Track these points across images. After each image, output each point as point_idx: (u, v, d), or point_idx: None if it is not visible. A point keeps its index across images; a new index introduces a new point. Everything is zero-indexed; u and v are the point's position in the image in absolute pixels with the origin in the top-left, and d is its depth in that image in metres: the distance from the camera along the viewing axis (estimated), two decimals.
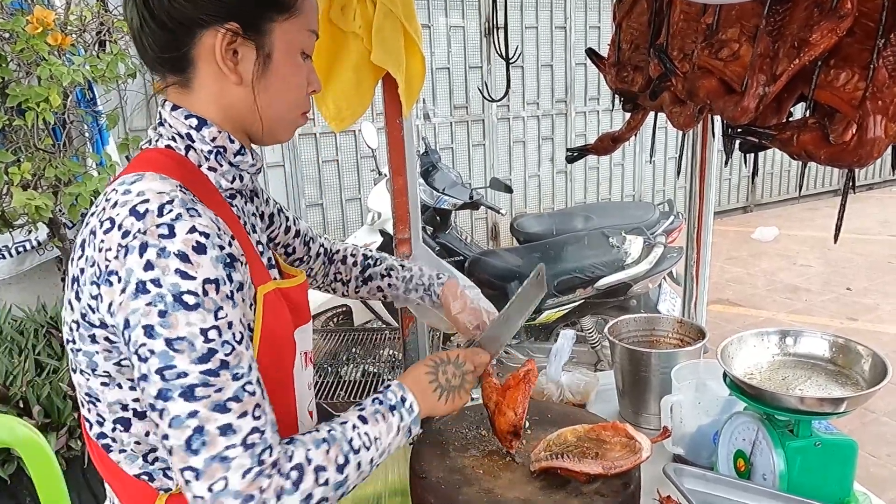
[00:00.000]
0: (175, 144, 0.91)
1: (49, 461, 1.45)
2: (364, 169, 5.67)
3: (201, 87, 0.91)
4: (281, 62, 0.92)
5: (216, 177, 0.94)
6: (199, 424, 0.77)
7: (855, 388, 1.23)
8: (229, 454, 0.77)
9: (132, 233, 0.78)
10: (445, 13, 5.83)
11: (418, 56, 1.61)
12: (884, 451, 3.16)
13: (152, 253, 0.77)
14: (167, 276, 0.76)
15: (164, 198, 0.80)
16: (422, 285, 1.36)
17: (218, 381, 0.78)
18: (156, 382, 0.77)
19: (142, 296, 0.76)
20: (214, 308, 0.79)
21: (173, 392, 0.77)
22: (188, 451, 0.77)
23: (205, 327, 0.78)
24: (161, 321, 0.76)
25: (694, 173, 2.00)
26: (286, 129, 0.99)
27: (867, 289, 5.28)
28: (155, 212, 0.79)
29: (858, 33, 0.86)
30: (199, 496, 0.77)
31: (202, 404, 0.77)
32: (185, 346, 0.77)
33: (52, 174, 2.45)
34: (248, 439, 0.79)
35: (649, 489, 1.23)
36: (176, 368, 0.77)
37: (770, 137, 0.96)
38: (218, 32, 0.87)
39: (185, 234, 0.78)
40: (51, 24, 2.29)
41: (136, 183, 0.83)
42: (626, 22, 1.39)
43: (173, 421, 0.77)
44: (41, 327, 2.72)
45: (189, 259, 0.77)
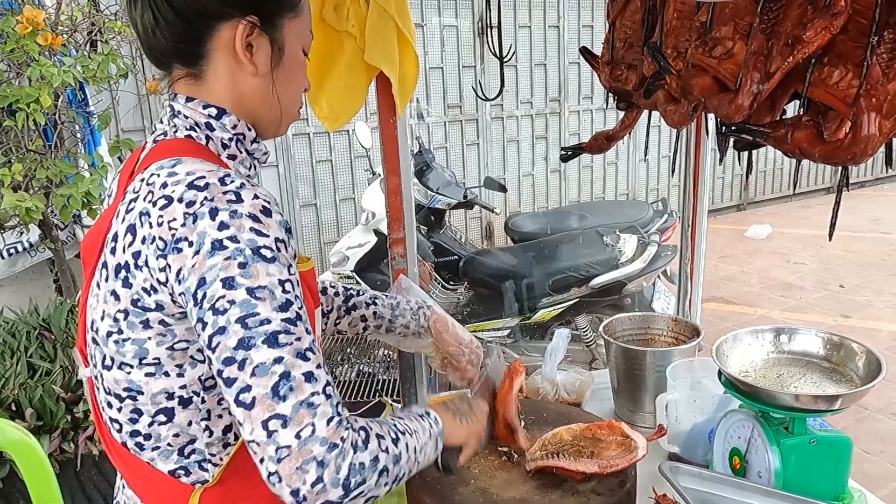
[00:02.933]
0: (195, 134, 0.92)
1: (42, 464, 1.44)
2: (358, 168, 5.66)
3: (215, 78, 0.92)
4: (290, 57, 0.96)
5: (235, 165, 0.95)
6: (285, 370, 0.76)
7: (849, 386, 1.23)
8: (315, 400, 0.77)
9: (198, 201, 0.79)
10: (439, 12, 5.83)
11: (412, 55, 1.61)
12: (878, 448, 3.17)
13: (224, 215, 0.78)
14: (243, 233, 0.78)
15: (220, 172, 0.83)
16: (409, 310, 1.36)
17: (297, 331, 0.79)
18: (236, 332, 0.76)
19: (219, 252, 0.77)
20: (287, 263, 0.81)
21: (257, 339, 0.76)
22: (275, 397, 0.76)
23: (282, 279, 0.79)
24: (242, 272, 0.77)
25: (688, 172, 2.00)
26: (288, 121, 1.02)
27: (860, 286, 5.30)
28: (217, 183, 0.81)
29: (852, 31, 0.86)
30: (285, 445, 0.75)
31: (286, 350, 0.77)
32: (266, 294, 0.77)
33: (44, 175, 2.43)
34: (327, 389, 0.79)
35: (645, 488, 1.23)
36: (259, 315, 0.77)
37: (764, 135, 0.96)
38: (239, 24, 0.89)
39: (252, 199, 0.81)
40: (41, 24, 2.27)
41: (178, 166, 0.84)
42: (619, 20, 1.39)
43: (257, 369, 0.76)
44: (33, 329, 2.70)
45: (260, 220, 0.80)
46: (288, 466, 0.75)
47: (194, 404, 0.87)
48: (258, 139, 0.98)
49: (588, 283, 3.39)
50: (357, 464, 0.78)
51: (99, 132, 2.92)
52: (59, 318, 2.78)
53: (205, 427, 0.90)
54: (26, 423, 2.21)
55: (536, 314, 3.47)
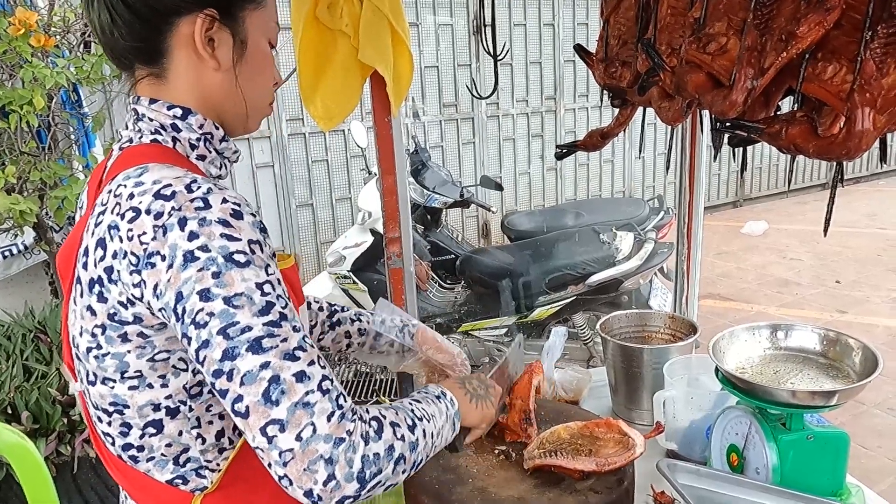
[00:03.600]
0: (161, 137, 0.90)
1: (38, 467, 1.44)
2: (354, 168, 5.66)
3: (177, 76, 0.90)
4: (253, 50, 0.94)
5: (205, 165, 0.93)
6: (273, 374, 0.75)
7: (846, 381, 1.23)
8: (310, 399, 0.75)
9: (166, 212, 0.77)
10: (433, 11, 5.82)
11: (406, 54, 1.60)
12: (875, 443, 3.18)
13: (193, 224, 0.76)
14: (214, 241, 0.76)
15: (186, 179, 0.80)
16: (395, 327, 1.34)
17: (281, 332, 0.77)
18: (219, 344, 0.75)
19: (192, 264, 0.76)
20: (263, 265, 0.79)
21: (240, 348, 0.75)
22: (268, 403, 0.74)
23: (259, 282, 0.77)
24: (216, 282, 0.75)
25: (683, 168, 2.01)
26: (258, 117, 1.00)
27: (856, 282, 5.31)
28: (184, 190, 0.79)
29: (846, 26, 0.86)
30: (287, 449, 0.74)
31: (272, 354, 0.75)
32: (244, 300, 0.76)
33: (38, 177, 2.42)
34: (323, 385, 0.77)
35: (643, 485, 1.23)
36: (239, 324, 0.75)
37: (759, 131, 0.96)
38: (197, 19, 0.87)
39: (220, 203, 0.79)
40: (34, 25, 2.26)
41: (145, 174, 0.82)
42: (613, 17, 1.39)
43: (245, 378, 0.75)
44: (29, 332, 2.70)
45: (230, 224, 0.78)
46: (295, 469, 0.74)
47: (182, 413, 0.86)
48: (227, 138, 0.96)
49: (585, 281, 3.39)
50: (371, 454, 0.77)
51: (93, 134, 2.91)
52: (54, 321, 2.77)
53: (196, 435, 0.88)
54: (22, 426, 2.20)
55: (533, 312, 3.47)
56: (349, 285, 3.60)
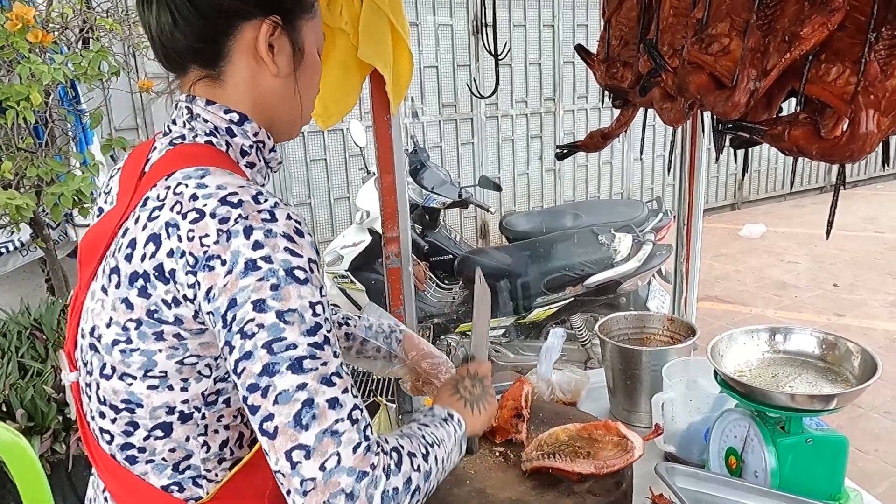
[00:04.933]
0: (216, 140, 0.91)
1: (33, 465, 1.43)
2: (352, 167, 5.65)
3: (234, 80, 0.91)
4: (309, 58, 0.96)
5: (253, 173, 0.94)
6: (308, 397, 0.74)
7: (845, 385, 1.23)
8: (339, 428, 0.75)
9: (232, 218, 0.78)
10: (433, 11, 5.82)
11: (406, 52, 1.60)
12: (873, 447, 3.18)
13: (259, 234, 0.77)
14: (277, 253, 0.77)
15: (252, 189, 0.81)
16: (382, 332, 1.35)
17: (323, 355, 0.77)
18: (262, 358, 0.75)
19: (252, 273, 0.76)
20: (319, 285, 0.80)
21: (281, 365, 0.74)
22: (297, 426, 0.74)
23: (313, 301, 0.78)
24: (273, 294, 0.76)
25: (683, 170, 2.00)
26: (300, 125, 1.02)
27: (854, 285, 5.32)
28: (251, 200, 0.79)
29: (849, 27, 0.85)
30: (310, 478, 0.73)
31: (311, 377, 0.75)
32: (295, 317, 0.76)
33: (35, 174, 2.41)
34: (353, 414, 0.77)
35: (641, 488, 1.23)
36: (286, 340, 0.75)
37: (761, 133, 0.95)
38: (262, 24, 0.89)
39: (286, 219, 0.79)
40: (31, 21, 2.24)
41: (207, 177, 0.82)
42: (615, 18, 1.38)
43: (280, 396, 0.74)
44: (25, 329, 2.68)
45: (294, 240, 0.79)
46: (314, 500, 0.73)
47: (194, 420, 0.86)
48: (275, 148, 0.97)
49: (583, 283, 3.38)
50: (391, 489, 0.77)
51: (91, 130, 2.90)
52: (50, 318, 2.75)
53: (202, 442, 0.88)
54: (17, 423, 2.19)
55: (531, 313, 3.46)
56: (347, 285, 3.59)
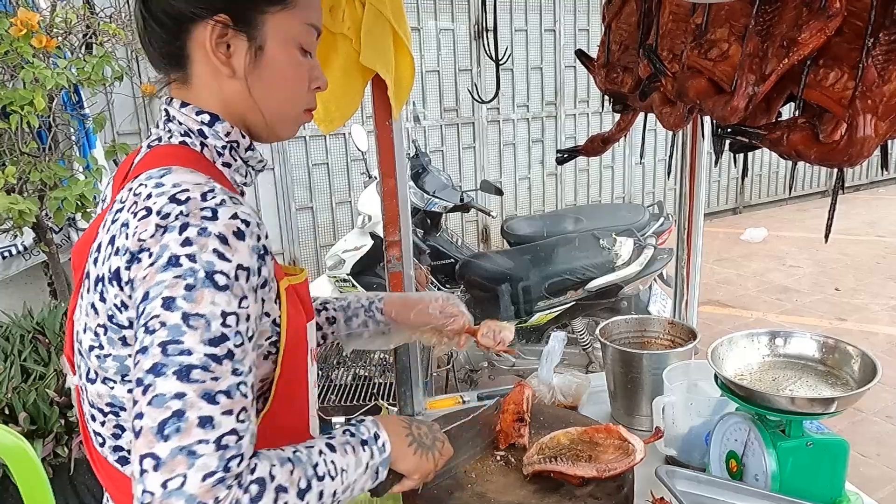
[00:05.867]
0: (191, 140, 0.91)
1: (35, 468, 1.43)
2: (354, 172, 5.66)
3: (200, 82, 0.91)
4: (274, 55, 0.91)
5: (230, 173, 0.93)
6: (180, 408, 0.72)
7: (845, 389, 1.23)
8: (198, 449, 0.71)
9: (173, 215, 0.76)
10: (435, 16, 5.84)
11: (408, 57, 1.60)
12: (874, 451, 3.17)
13: (192, 231, 0.75)
14: (204, 254, 0.75)
15: (205, 187, 0.80)
16: (362, 307, 1.30)
17: (218, 369, 0.74)
18: (154, 356, 0.73)
19: (172, 268, 0.74)
20: (241, 295, 0.77)
21: (169, 368, 0.72)
22: (158, 434, 0.71)
23: (227, 311, 0.75)
24: (185, 294, 0.73)
25: (684, 175, 2.00)
26: (287, 125, 0.97)
27: (855, 289, 5.31)
28: (198, 198, 0.78)
29: (847, 32, 0.86)
30: (149, 491, 0.70)
31: (193, 388, 0.72)
32: (201, 323, 0.74)
33: (38, 178, 2.42)
34: (224, 440, 0.73)
35: (642, 491, 1.23)
36: (182, 345, 0.73)
37: (760, 137, 0.96)
38: (208, 25, 0.87)
39: (228, 218, 0.77)
40: (35, 26, 2.26)
41: (167, 176, 0.82)
42: (615, 23, 1.39)
43: (156, 399, 0.72)
44: (27, 333, 2.69)
45: (228, 242, 0.76)
46: None
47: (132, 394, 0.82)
48: (253, 146, 0.95)
49: (584, 287, 3.39)
50: None
51: (94, 135, 2.91)
52: (53, 322, 2.76)
53: None
54: (20, 427, 2.19)
55: (533, 317, 3.46)
56: (348, 289, 3.60)
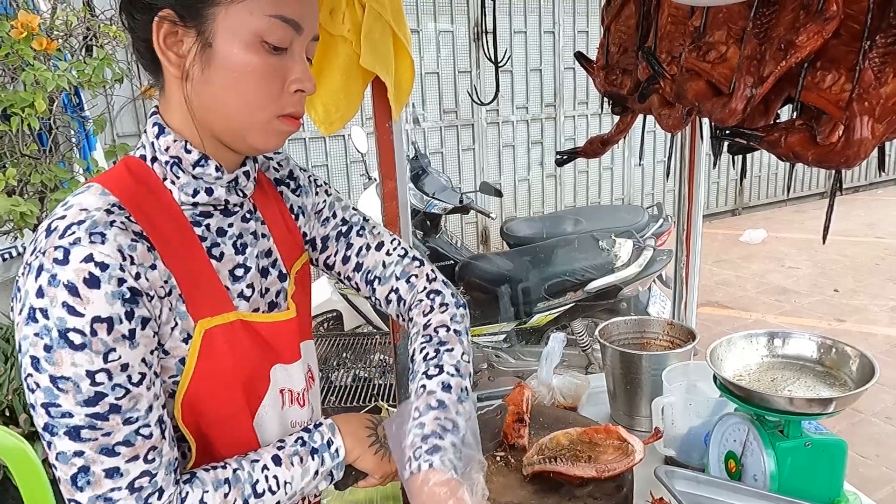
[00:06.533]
0: (144, 153, 0.85)
1: (36, 470, 1.43)
2: (354, 173, 5.67)
3: (169, 89, 0.83)
4: (226, 51, 0.78)
5: (177, 191, 0.85)
6: (84, 464, 0.73)
7: (843, 389, 1.23)
8: (114, 496, 0.75)
9: (36, 250, 0.73)
10: (434, 18, 5.85)
11: (407, 60, 1.61)
12: (873, 452, 3.18)
13: (44, 279, 0.71)
14: (54, 308, 0.70)
15: (80, 216, 0.74)
16: None
17: (106, 426, 0.74)
18: (42, 416, 0.73)
19: (32, 324, 0.72)
20: (104, 350, 0.72)
21: (59, 429, 0.73)
22: (73, 486, 0.74)
23: (92, 370, 0.72)
24: (46, 356, 0.71)
25: (683, 176, 2.01)
26: (255, 132, 0.83)
27: (854, 290, 5.32)
28: (59, 231, 0.73)
29: (844, 35, 0.86)
30: None
31: (88, 446, 0.73)
32: (70, 386, 0.72)
33: (38, 180, 2.43)
34: (136, 483, 0.76)
35: (642, 491, 1.23)
36: (61, 408, 0.72)
37: (758, 139, 0.96)
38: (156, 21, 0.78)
39: (79, 262, 0.71)
40: (36, 28, 2.27)
41: (78, 195, 0.78)
42: (614, 25, 1.40)
43: (60, 456, 0.74)
44: None
45: (78, 293, 0.71)
46: None
47: None
48: (205, 161, 0.84)
49: (584, 288, 3.39)
50: None
51: (94, 137, 2.91)
52: None
53: None
54: (20, 428, 2.19)
55: (532, 319, 3.47)
56: (348, 290, 3.60)
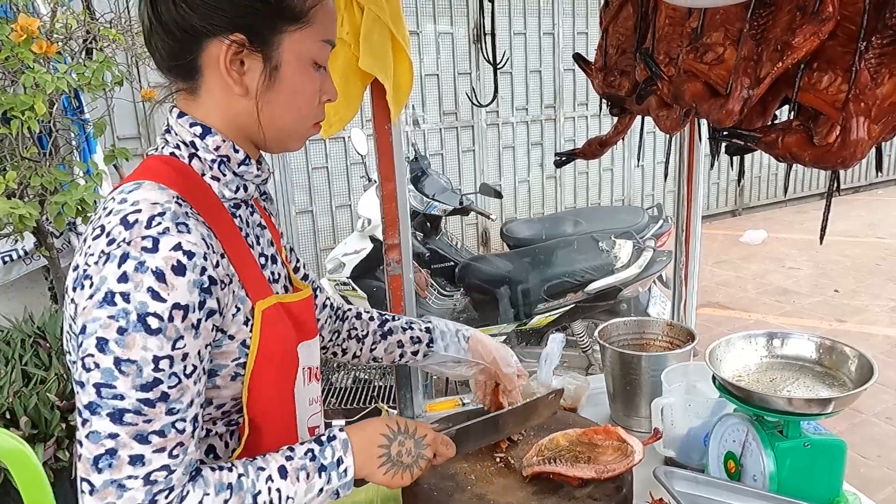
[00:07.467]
0: (179, 153, 0.90)
1: (37, 473, 1.43)
2: (354, 175, 5.67)
3: (208, 95, 0.90)
4: (289, 74, 0.89)
5: (219, 187, 0.92)
6: (114, 447, 0.76)
7: (842, 389, 1.23)
8: (128, 484, 0.77)
9: (117, 241, 0.77)
10: (434, 20, 5.85)
11: (406, 62, 1.61)
12: (874, 453, 3.17)
13: (130, 265, 0.75)
14: (138, 293, 0.75)
15: (156, 209, 0.79)
16: (448, 332, 1.31)
17: (151, 413, 0.77)
18: (90, 394, 0.77)
19: (107, 306, 0.75)
20: (175, 336, 0.77)
21: (103, 409, 0.76)
22: (93, 466, 0.77)
23: (159, 355, 0.77)
24: (118, 338, 0.75)
25: (682, 177, 2.01)
26: (295, 139, 0.96)
27: (855, 291, 5.32)
28: (143, 223, 0.78)
29: (840, 36, 0.87)
30: None
31: (125, 430, 0.76)
32: (132, 369, 0.76)
33: (38, 183, 2.43)
34: (153, 475, 0.78)
35: (641, 492, 1.23)
36: (115, 390, 0.76)
37: (755, 140, 0.96)
38: (223, 43, 0.85)
39: (169, 250, 0.77)
40: (35, 31, 2.27)
41: (133, 192, 0.82)
42: (612, 27, 1.40)
43: (91, 435, 0.77)
44: (28, 337, 2.70)
45: (164, 279, 0.76)
46: None
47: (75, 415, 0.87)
48: (249, 161, 0.93)
49: (584, 289, 3.39)
50: None
51: (94, 140, 2.92)
52: (53, 327, 2.77)
53: None
54: (21, 431, 2.20)
55: (532, 320, 3.47)
56: (348, 292, 3.60)
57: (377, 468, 0.97)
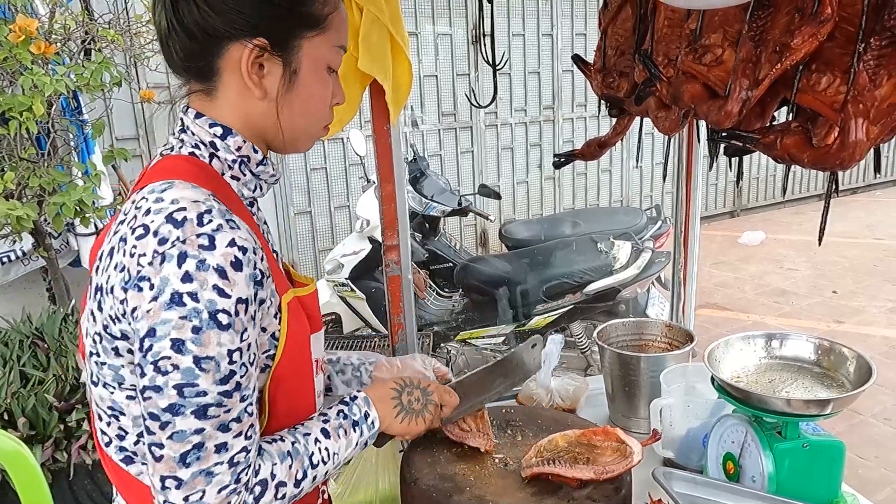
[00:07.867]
0: (199, 152, 0.91)
1: (35, 474, 1.43)
2: (352, 176, 5.67)
3: (225, 97, 0.90)
4: (307, 78, 0.92)
5: (238, 186, 0.94)
6: (200, 441, 0.79)
7: (840, 390, 1.24)
8: (215, 470, 0.80)
9: (170, 240, 0.77)
10: (433, 21, 5.85)
11: (405, 63, 1.62)
12: (872, 453, 3.18)
13: (192, 264, 0.76)
14: (205, 291, 0.76)
15: (202, 206, 0.80)
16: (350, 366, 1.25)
17: (229, 402, 0.80)
18: (170, 397, 0.77)
19: (176, 308, 0.76)
20: (241, 329, 0.80)
21: (187, 409, 0.78)
22: (180, 462, 0.79)
23: (232, 348, 0.79)
24: (194, 337, 0.76)
25: (680, 178, 2.01)
26: (307, 141, 1.00)
27: (853, 292, 5.32)
28: (194, 220, 0.78)
29: (839, 38, 0.87)
30: (172, 502, 0.79)
31: (210, 423, 0.79)
32: (212, 365, 0.78)
33: (37, 184, 2.43)
34: (235, 458, 0.82)
35: (640, 493, 1.23)
36: (197, 387, 0.78)
37: (754, 141, 0.97)
38: (245, 47, 0.86)
39: (225, 247, 0.78)
40: (34, 32, 2.27)
41: (168, 191, 0.82)
42: (611, 28, 1.40)
43: (176, 434, 0.78)
44: (26, 338, 2.69)
45: (227, 275, 0.78)
46: None
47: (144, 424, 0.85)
48: (266, 161, 0.96)
49: (582, 290, 3.40)
50: None
51: (92, 140, 2.92)
52: (52, 327, 2.76)
53: None
54: (19, 432, 2.19)
55: (531, 321, 3.47)
56: (347, 293, 3.60)
57: (394, 418, 1.06)
